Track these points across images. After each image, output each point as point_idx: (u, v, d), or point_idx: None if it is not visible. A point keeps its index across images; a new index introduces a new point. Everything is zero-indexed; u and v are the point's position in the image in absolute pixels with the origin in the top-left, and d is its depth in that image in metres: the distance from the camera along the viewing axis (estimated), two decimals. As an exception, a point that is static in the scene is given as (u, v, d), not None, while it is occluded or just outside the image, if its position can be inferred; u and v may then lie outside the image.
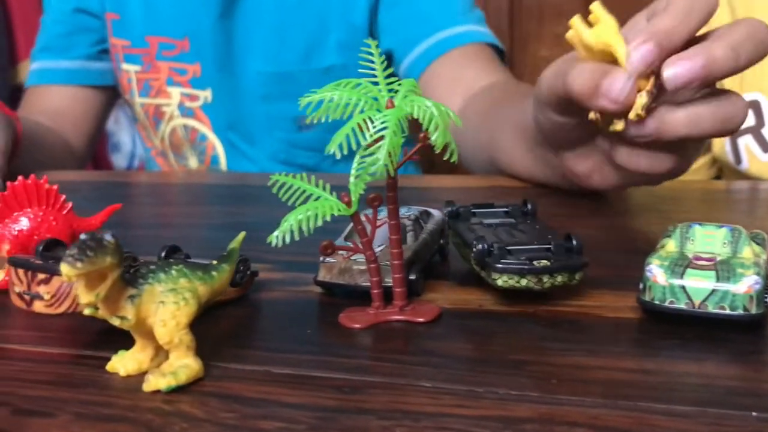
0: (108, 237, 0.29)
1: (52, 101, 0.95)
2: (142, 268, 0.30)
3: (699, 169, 0.95)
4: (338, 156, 0.33)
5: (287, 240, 0.34)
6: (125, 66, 0.94)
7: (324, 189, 0.36)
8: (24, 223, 0.43)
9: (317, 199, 0.36)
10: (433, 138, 0.33)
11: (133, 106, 0.97)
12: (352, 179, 0.36)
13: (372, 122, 0.33)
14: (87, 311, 0.30)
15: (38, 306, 0.32)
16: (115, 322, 0.30)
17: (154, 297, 0.30)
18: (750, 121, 0.86)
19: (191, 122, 0.93)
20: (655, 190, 0.60)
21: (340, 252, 0.39)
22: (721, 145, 0.89)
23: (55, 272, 0.32)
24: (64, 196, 0.44)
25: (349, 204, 0.35)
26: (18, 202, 0.43)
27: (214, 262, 0.33)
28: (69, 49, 0.95)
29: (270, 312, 0.39)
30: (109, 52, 0.96)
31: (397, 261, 0.37)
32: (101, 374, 0.32)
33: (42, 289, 0.32)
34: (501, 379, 0.30)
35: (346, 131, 0.33)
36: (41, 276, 0.32)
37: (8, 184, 0.43)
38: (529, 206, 0.45)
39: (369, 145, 0.34)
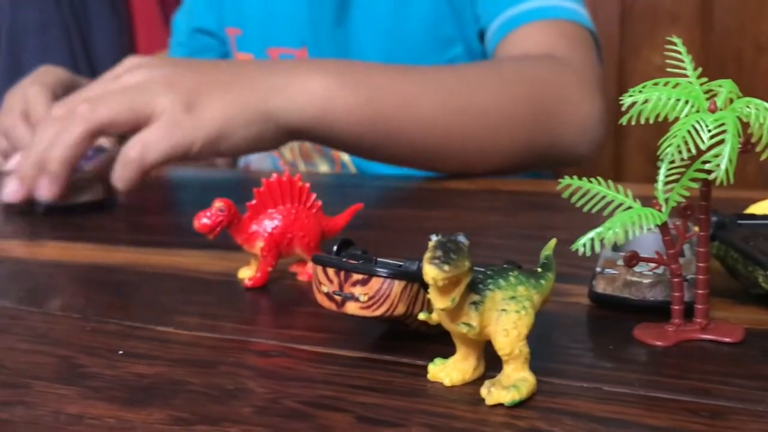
0: (462, 239, 0.27)
1: None
2: (478, 273, 0.29)
3: None
4: (677, 160, 0.31)
5: (596, 248, 0.32)
6: None
7: (627, 195, 0.34)
8: (278, 220, 0.42)
9: (619, 205, 0.33)
10: (774, 145, 0.31)
11: None
12: (659, 186, 0.34)
13: (705, 125, 0.31)
14: (422, 316, 0.29)
15: (352, 308, 0.31)
16: (462, 329, 0.28)
17: (495, 304, 0.28)
18: None
19: None
20: None
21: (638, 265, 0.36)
22: None
23: (374, 273, 0.30)
24: (314, 195, 0.43)
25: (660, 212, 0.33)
26: (272, 199, 0.42)
27: (539, 269, 0.31)
28: None
29: (550, 323, 0.37)
30: None
31: (702, 276, 0.35)
32: (422, 383, 0.30)
33: (358, 290, 0.31)
34: None
35: (681, 134, 0.31)
36: (357, 277, 0.31)
37: (263, 180, 0.42)
38: (804, 220, 0.42)
39: (698, 150, 0.31)
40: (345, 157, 0.91)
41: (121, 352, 0.34)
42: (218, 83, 0.62)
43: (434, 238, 0.27)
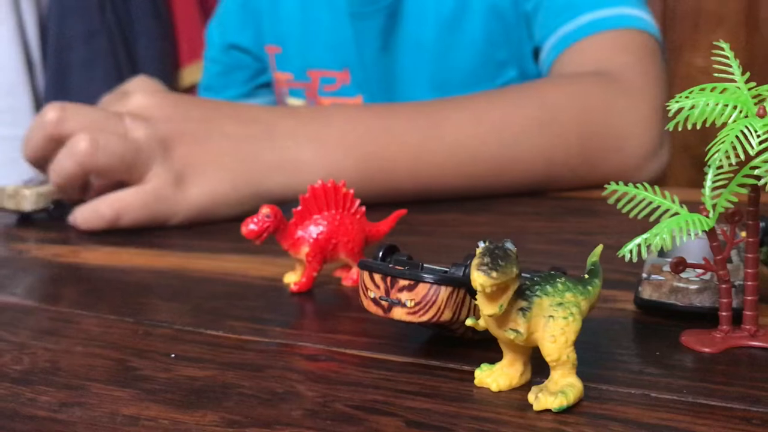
0: (510, 245, 0.27)
1: None
2: (525, 280, 0.29)
3: None
4: (725, 166, 0.31)
5: (643, 254, 0.32)
6: (290, 100, 0.91)
7: (673, 201, 0.34)
8: (323, 226, 0.42)
9: (665, 211, 0.33)
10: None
11: None
12: (707, 191, 0.34)
13: (754, 130, 0.31)
14: (469, 322, 0.29)
15: (398, 313, 0.31)
16: (510, 335, 0.28)
17: (543, 310, 0.29)
18: None
19: None
20: None
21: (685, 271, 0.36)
22: None
23: (421, 279, 0.31)
24: (358, 201, 0.43)
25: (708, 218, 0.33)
26: (317, 205, 0.43)
27: (586, 276, 0.31)
28: (226, 89, 0.95)
29: (596, 329, 0.36)
30: (269, 86, 0.95)
31: (751, 282, 0.34)
32: (469, 388, 0.30)
33: (404, 296, 0.31)
34: None
35: (729, 139, 0.31)
36: (404, 282, 0.31)
37: (309, 186, 0.43)
38: None
39: (748, 156, 0.31)
40: None
41: (173, 355, 0.35)
42: (214, 156, 0.61)
43: (482, 244, 0.27)
